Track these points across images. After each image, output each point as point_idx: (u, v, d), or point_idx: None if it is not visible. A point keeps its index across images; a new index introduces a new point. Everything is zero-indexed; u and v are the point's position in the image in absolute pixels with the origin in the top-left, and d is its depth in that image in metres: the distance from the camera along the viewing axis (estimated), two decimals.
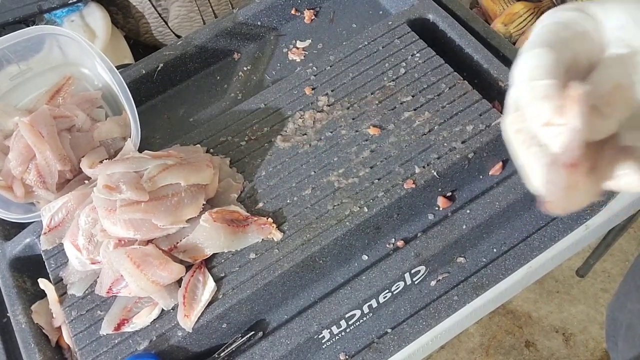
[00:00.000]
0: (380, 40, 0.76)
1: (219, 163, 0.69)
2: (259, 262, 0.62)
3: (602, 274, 1.49)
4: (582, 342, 1.40)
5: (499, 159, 0.70)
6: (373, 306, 0.64)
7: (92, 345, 0.61)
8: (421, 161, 0.66)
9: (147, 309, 0.61)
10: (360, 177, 0.66)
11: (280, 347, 0.61)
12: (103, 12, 0.96)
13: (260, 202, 0.66)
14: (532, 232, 0.67)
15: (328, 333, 0.62)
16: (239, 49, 0.89)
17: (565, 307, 1.45)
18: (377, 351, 0.62)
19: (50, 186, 0.70)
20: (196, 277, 0.61)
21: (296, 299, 0.65)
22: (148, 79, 0.84)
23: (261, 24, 0.88)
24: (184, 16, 1.02)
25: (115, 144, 0.75)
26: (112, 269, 0.61)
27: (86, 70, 0.80)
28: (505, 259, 0.65)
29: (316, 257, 0.62)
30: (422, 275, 0.65)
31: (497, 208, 0.65)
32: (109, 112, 0.80)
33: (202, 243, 0.62)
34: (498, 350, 1.41)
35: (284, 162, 0.69)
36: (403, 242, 0.66)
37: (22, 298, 0.68)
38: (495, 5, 1.30)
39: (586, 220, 0.67)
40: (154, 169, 0.63)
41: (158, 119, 0.84)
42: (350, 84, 0.73)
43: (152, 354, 0.60)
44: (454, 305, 0.63)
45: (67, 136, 0.72)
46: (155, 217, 0.61)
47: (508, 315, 1.45)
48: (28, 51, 0.76)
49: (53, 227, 0.67)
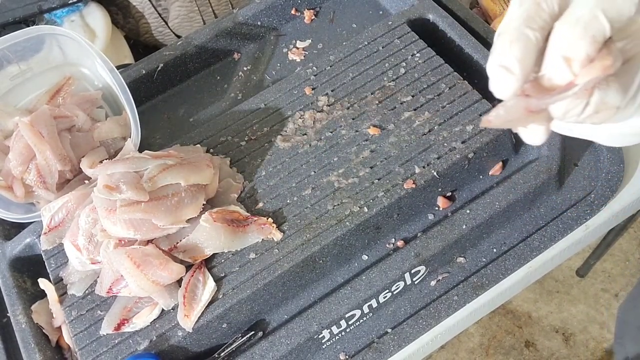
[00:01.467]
0: (380, 40, 0.76)
1: (219, 163, 0.69)
2: (259, 262, 0.62)
3: (602, 274, 1.49)
4: (582, 342, 1.40)
5: (498, 159, 0.70)
6: (373, 306, 0.64)
7: (92, 345, 0.61)
8: (421, 161, 0.66)
9: (147, 309, 0.61)
10: (360, 177, 0.66)
11: (280, 347, 0.61)
12: (103, 12, 0.96)
13: (260, 202, 0.66)
14: (532, 232, 0.67)
15: (328, 333, 0.62)
16: (239, 49, 0.89)
17: (565, 307, 1.45)
18: (377, 351, 0.62)
19: (50, 186, 0.70)
20: (196, 277, 0.61)
21: (296, 299, 0.65)
22: (148, 79, 0.84)
23: (261, 24, 0.88)
24: (184, 16, 1.02)
25: (116, 144, 0.75)
26: (112, 269, 0.61)
27: (86, 70, 0.80)
28: (505, 259, 0.65)
29: (316, 257, 0.62)
30: (422, 275, 0.65)
31: (497, 208, 0.65)
32: (109, 112, 0.80)
33: (202, 243, 0.62)
34: (498, 350, 1.42)
35: (284, 162, 0.69)
36: (403, 242, 0.66)
37: (22, 298, 0.68)
38: (495, 5, 1.30)
39: (586, 220, 0.67)
40: (154, 169, 0.63)
41: (158, 119, 0.84)
42: (350, 84, 0.73)
43: (152, 354, 0.60)
44: (454, 305, 0.63)
45: (67, 136, 0.72)
46: (156, 217, 0.61)
47: (508, 315, 1.45)
48: (28, 51, 0.76)
49: (53, 227, 0.67)
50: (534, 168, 0.67)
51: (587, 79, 0.28)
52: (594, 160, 0.70)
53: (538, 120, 0.32)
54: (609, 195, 0.67)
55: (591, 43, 0.28)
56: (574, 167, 0.70)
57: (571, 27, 0.28)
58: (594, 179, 0.69)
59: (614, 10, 0.27)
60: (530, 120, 0.32)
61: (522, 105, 0.31)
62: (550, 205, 0.68)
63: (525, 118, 0.31)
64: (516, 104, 0.31)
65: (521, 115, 0.31)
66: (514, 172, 0.69)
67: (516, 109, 0.31)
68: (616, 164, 0.68)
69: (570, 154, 0.71)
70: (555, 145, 0.67)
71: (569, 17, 0.29)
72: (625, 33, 0.29)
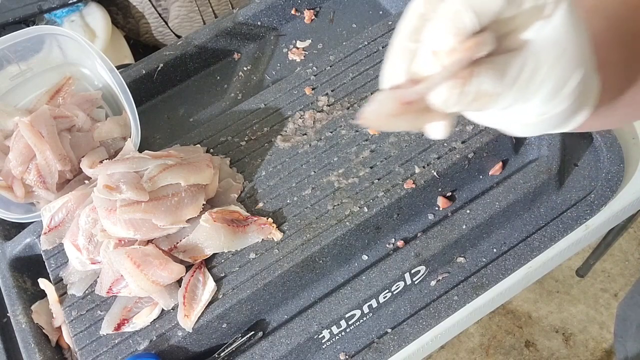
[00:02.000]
0: (380, 40, 0.76)
1: (219, 163, 0.69)
2: (259, 262, 0.62)
3: (602, 274, 1.49)
4: (582, 342, 1.40)
5: (498, 159, 0.70)
6: (373, 306, 0.64)
7: (92, 345, 0.61)
8: (421, 161, 0.66)
9: (147, 309, 0.61)
10: (360, 177, 0.66)
11: (280, 347, 0.61)
12: (103, 12, 0.96)
13: (260, 202, 0.66)
14: (532, 232, 0.67)
15: (328, 333, 0.62)
16: (239, 49, 0.89)
17: (565, 307, 1.45)
18: (377, 351, 0.62)
19: (50, 186, 0.70)
20: (196, 277, 0.61)
21: (296, 299, 0.65)
22: (148, 79, 0.84)
23: (261, 24, 0.88)
24: (184, 16, 1.02)
25: (116, 144, 0.75)
26: (112, 269, 0.61)
27: (86, 70, 0.80)
28: (505, 259, 0.65)
29: (316, 257, 0.62)
30: (422, 275, 0.65)
31: (497, 208, 0.65)
32: (109, 112, 0.80)
33: (202, 243, 0.62)
34: (498, 350, 1.42)
35: (284, 162, 0.69)
36: (403, 242, 0.66)
37: (22, 298, 0.68)
38: None
39: (586, 220, 0.67)
40: (154, 169, 0.63)
41: (158, 119, 0.84)
42: (350, 84, 0.73)
43: (152, 354, 0.60)
44: (454, 305, 0.63)
45: (67, 136, 0.72)
46: (156, 217, 0.61)
47: (508, 315, 1.45)
48: (28, 51, 0.76)
49: (53, 227, 0.67)
50: (534, 168, 0.67)
51: (451, 62, 0.30)
52: (594, 160, 0.70)
53: (421, 115, 0.33)
54: (609, 195, 0.67)
55: (455, 35, 0.29)
56: (574, 167, 0.70)
57: (437, 23, 0.30)
58: (594, 179, 0.69)
59: (478, 4, 0.29)
60: (411, 114, 0.32)
61: (392, 96, 0.31)
62: (550, 205, 0.68)
63: (403, 111, 0.31)
64: (387, 96, 0.31)
65: (397, 108, 0.31)
66: (514, 172, 0.69)
67: (388, 102, 0.31)
68: (616, 163, 0.68)
69: (570, 154, 0.71)
70: (555, 145, 0.67)
71: (436, 15, 0.31)
72: (507, 27, 0.31)
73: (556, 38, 0.31)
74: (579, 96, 0.33)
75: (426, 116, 0.33)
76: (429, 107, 0.32)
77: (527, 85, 0.31)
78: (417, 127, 0.33)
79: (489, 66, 0.30)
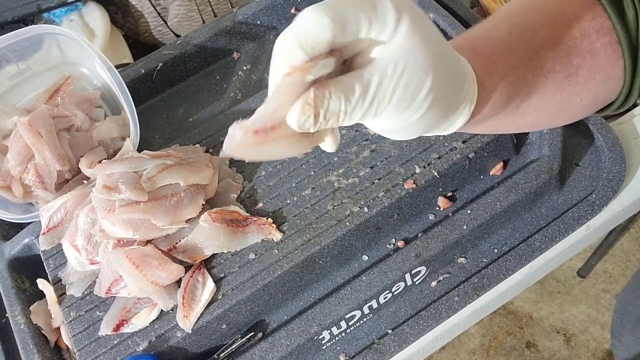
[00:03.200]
0: None
1: (219, 163, 0.68)
2: (259, 262, 0.62)
3: (604, 274, 1.49)
4: (583, 343, 1.40)
5: (499, 159, 0.69)
6: (373, 307, 0.63)
7: (91, 346, 0.61)
8: (422, 161, 0.65)
9: (146, 309, 0.61)
10: (360, 177, 0.65)
11: (280, 348, 0.61)
12: (102, 12, 0.96)
13: (260, 202, 0.66)
14: (533, 233, 0.67)
15: (328, 334, 0.62)
16: (238, 49, 0.88)
17: (566, 308, 1.45)
18: (378, 352, 0.62)
19: (49, 186, 0.70)
20: (195, 278, 0.61)
21: (296, 299, 0.65)
22: (147, 79, 0.84)
23: (261, 23, 0.88)
24: (183, 15, 1.02)
25: (114, 143, 0.75)
26: (111, 270, 0.61)
27: (85, 69, 0.80)
28: (506, 260, 0.65)
29: (316, 257, 0.62)
30: (423, 275, 0.65)
31: (497, 208, 0.64)
32: (108, 112, 0.79)
33: (201, 243, 0.62)
34: (499, 351, 1.41)
35: (283, 162, 0.68)
36: (403, 242, 0.66)
37: (21, 298, 0.68)
38: (496, 5, 1.30)
39: (587, 221, 0.66)
40: (153, 169, 0.63)
41: (157, 119, 0.84)
42: None
43: (151, 354, 0.59)
44: (454, 305, 0.63)
45: (66, 136, 0.72)
46: (155, 217, 0.60)
47: (509, 315, 1.45)
48: (27, 50, 0.76)
49: (52, 228, 0.67)
50: (535, 168, 0.66)
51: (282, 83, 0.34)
52: (595, 160, 0.70)
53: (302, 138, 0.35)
54: (610, 196, 0.67)
55: (289, 67, 0.33)
56: (575, 167, 0.70)
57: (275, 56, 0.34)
58: (595, 179, 0.69)
59: (309, 39, 0.32)
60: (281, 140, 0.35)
61: (240, 128, 0.34)
62: (552, 205, 0.68)
63: (264, 139, 0.34)
64: (236, 128, 0.35)
65: (251, 138, 0.34)
66: (515, 172, 0.68)
67: (238, 134, 0.34)
68: (617, 164, 0.68)
69: (571, 154, 0.70)
70: (557, 145, 0.67)
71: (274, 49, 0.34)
72: (354, 48, 0.34)
73: (398, 55, 0.33)
74: (438, 101, 0.36)
75: (310, 138, 0.36)
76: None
77: (375, 98, 0.34)
78: (301, 150, 0.36)
79: (336, 87, 0.33)
